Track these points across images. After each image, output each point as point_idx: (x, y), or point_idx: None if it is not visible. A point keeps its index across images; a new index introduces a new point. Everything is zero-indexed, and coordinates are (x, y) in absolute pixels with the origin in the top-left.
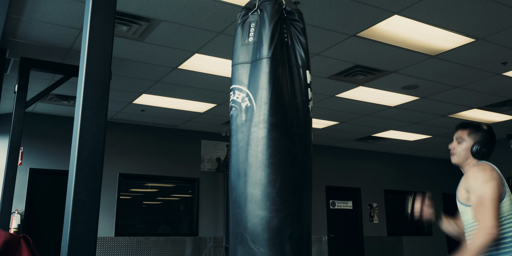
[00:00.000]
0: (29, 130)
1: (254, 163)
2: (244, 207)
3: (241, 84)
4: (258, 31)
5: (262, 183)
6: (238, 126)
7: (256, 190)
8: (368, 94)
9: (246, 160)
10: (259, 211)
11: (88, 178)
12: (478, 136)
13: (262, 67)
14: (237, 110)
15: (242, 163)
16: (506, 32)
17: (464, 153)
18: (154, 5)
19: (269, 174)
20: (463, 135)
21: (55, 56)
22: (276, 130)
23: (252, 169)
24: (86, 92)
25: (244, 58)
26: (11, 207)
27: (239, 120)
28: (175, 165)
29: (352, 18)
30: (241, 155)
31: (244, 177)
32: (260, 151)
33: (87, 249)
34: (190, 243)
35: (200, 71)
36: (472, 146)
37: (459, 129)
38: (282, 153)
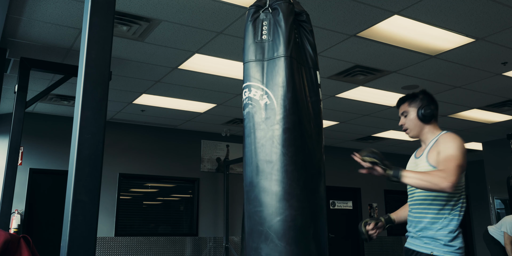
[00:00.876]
0: (29, 130)
1: (276, 161)
2: (267, 205)
3: (257, 82)
4: (273, 29)
5: (286, 180)
6: (256, 123)
7: (280, 188)
8: (368, 94)
9: (267, 158)
10: (284, 209)
11: (88, 178)
12: (418, 102)
13: (280, 65)
14: (254, 108)
15: (262, 161)
16: (506, 32)
17: (415, 123)
18: (154, 5)
19: (293, 172)
20: (405, 108)
21: (55, 56)
22: (297, 128)
23: (275, 167)
24: (86, 92)
25: (259, 56)
26: (11, 207)
27: (258, 118)
28: (175, 165)
29: (352, 18)
30: (261, 153)
31: (265, 175)
32: (282, 149)
33: (87, 249)
34: (190, 243)
35: (200, 71)
36: (417, 112)
37: (400, 105)
38: (303, 151)
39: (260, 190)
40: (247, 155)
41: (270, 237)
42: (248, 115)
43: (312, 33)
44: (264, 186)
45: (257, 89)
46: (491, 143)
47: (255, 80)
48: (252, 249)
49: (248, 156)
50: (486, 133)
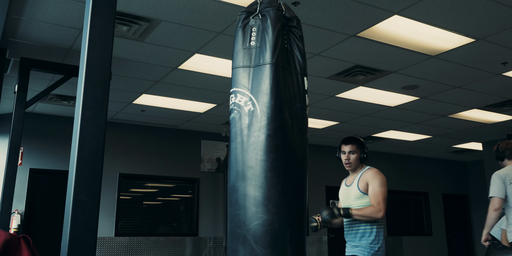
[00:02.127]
0: (29, 130)
1: (257, 166)
2: (246, 209)
3: (243, 88)
4: (261, 36)
5: (265, 186)
6: (240, 129)
7: (259, 193)
8: (368, 94)
9: (248, 163)
10: (261, 213)
11: (88, 178)
12: (362, 147)
13: (265, 73)
14: (239, 114)
15: (243, 166)
16: (506, 32)
17: (357, 161)
18: (154, 5)
19: (272, 178)
20: (354, 148)
21: (55, 56)
22: (279, 135)
23: (255, 173)
24: (86, 92)
25: (246, 62)
26: (11, 207)
27: (241, 124)
28: (175, 165)
29: (352, 18)
30: (242, 158)
31: (246, 180)
32: (263, 155)
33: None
34: (190, 243)
35: (200, 71)
36: (360, 154)
37: (351, 143)
38: (284, 157)
39: (240, 194)
40: (231, 160)
41: (248, 240)
42: (233, 120)
43: (302, 39)
44: (245, 191)
45: (243, 95)
46: (491, 143)
47: (241, 86)
48: (231, 250)
49: (232, 161)
50: (486, 133)
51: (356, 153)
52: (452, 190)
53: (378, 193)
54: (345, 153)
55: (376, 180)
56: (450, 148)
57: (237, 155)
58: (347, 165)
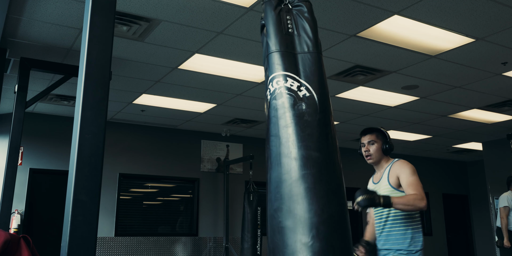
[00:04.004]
0: (29, 130)
1: (324, 152)
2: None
3: (294, 73)
4: (301, 25)
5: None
6: (297, 115)
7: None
8: (368, 94)
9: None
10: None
11: (88, 178)
12: (384, 137)
13: (315, 61)
14: (293, 98)
15: (310, 151)
16: (506, 32)
17: (379, 153)
18: (154, 5)
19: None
20: (373, 138)
21: (55, 56)
22: (329, 126)
23: (319, 160)
24: (86, 92)
25: (290, 48)
26: (11, 207)
27: (298, 108)
28: (175, 165)
29: (352, 18)
30: (308, 142)
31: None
32: (331, 138)
33: (87, 249)
34: (190, 243)
35: (200, 71)
36: (382, 145)
37: (368, 134)
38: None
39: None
40: (284, 146)
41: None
42: (287, 105)
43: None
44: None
45: (294, 80)
46: (491, 143)
47: (292, 71)
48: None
49: (286, 147)
50: (486, 133)
51: (377, 143)
52: (452, 190)
53: (414, 182)
54: (364, 145)
55: (405, 170)
56: (450, 148)
57: (297, 140)
58: (367, 158)
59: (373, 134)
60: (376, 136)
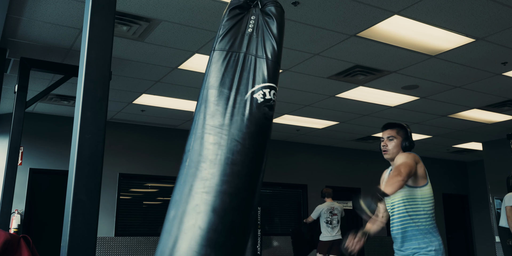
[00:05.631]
0: (29, 130)
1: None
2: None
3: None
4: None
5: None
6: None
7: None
8: (368, 94)
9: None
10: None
11: (88, 178)
12: (405, 133)
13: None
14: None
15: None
16: (506, 32)
17: (397, 149)
18: (154, 5)
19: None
20: (393, 133)
21: (55, 56)
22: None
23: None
24: (86, 92)
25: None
26: (11, 207)
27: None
28: (175, 165)
29: (352, 18)
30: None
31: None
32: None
33: (87, 249)
34: None
35: (200, 71)
36: (402, 142)
37: (388, 129)
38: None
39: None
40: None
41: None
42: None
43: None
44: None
45: (276, 91)
46: (491, 143)
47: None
48: None
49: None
50: (486, 133)
51: (396, 139)
52: (452, 190)
53: (399, 165)
54: (383, 139)
55: (400, 159)
56: (450, 148)
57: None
58: (384, 153)
59: (393, 130)
60: (396, 132)
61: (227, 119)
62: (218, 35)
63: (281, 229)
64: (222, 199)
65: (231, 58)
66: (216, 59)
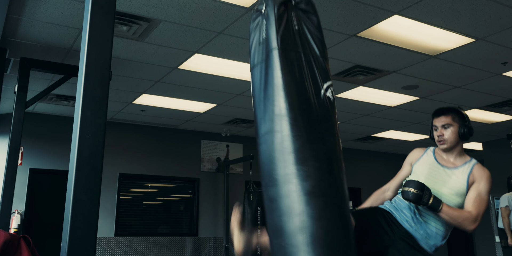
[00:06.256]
0: (29, 130)
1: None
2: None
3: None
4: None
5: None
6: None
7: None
8: (368, 94)
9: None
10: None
11: (88, 178)
12: (462, 119)
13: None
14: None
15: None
16: (506, 32)
17: (455, 138)
18: (154, 5)
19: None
20: (449, 121)
21: (55, 56)
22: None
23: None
24: (86, 92)
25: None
26: (11, 207)
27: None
28: (175, 165)
29: (352, 18)
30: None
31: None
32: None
33: (87, 249)
34: (190, 243)
35: (200, 71)
36: (459, 128)
37: (442, 115)
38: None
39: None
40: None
41: None
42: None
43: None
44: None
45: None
46: (491, 143)
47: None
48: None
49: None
50: (486, 133)
51: (453, 126)
52: None
53: (482, 201)
54: (437, 128)
55: (485, 183)
56: None
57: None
58: (440, 143)
59: (448, 116)
60: (452, 118)
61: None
62: (274, 33)
63: None
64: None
65: (294, 57)
66: (280, 58)
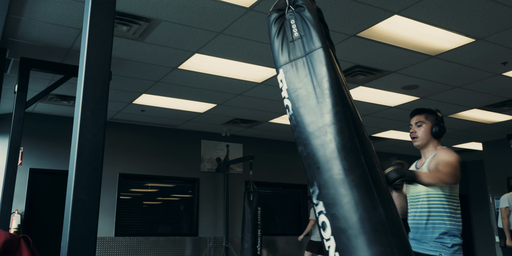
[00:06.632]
0: (29, 130)
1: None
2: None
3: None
4: (302, 25)
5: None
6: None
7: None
8: (368, 94)
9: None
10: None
11: (88, 178)
12: (434, 118)
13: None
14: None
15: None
16: (506, 32)
17: (426, 135)
18: (154, 5)
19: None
20: (421, 119)
21: (55, 56)
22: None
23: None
24: (86, 92)
25: (294, 55)
26: (11, 207)
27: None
28: (175, 165)
29: (352, 18)
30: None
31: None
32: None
33: (87, 249)
34: (190, 243)
35: (200, 71)
36: (431, 127)
37: (416, 115)
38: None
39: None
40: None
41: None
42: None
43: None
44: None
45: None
46: (491, 143)
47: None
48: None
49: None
50: (486, 133)
51: (425, 124)
52: None
53: (447, 164)
54: (411, 126)
55: (449, 157)
56: (450, 148)
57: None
58: (413, 140)
59: (421, 115)
60: (425, 117)
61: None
62: (276, 52)
63: (281, 229)
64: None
65: (296, 66)
66: (288, 73)
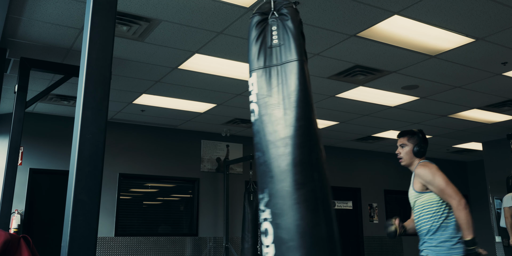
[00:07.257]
0: (29, 130)
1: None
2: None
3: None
4: (283, 34)
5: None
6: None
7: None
8: (368, 94)
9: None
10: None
11: (88, 178)
12: (415, 140)
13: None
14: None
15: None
16: (506, 32)
17: (409, 155)
18: (154, 5)
19: None
20: (404, 141)
21: (55, 56)
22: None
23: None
24: (87, 92)
25: (269, 62)
26: (11, 207)
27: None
28: (175, 165)
29: (352, 18)
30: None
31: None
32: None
33: (87, 249)
34: (190, 243)
35: (200, 71)
36: (413, 148)
37: (400, 137)
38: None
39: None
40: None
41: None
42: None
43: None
44: None
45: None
46: (491, 143)
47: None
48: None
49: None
50: (486, 133)
51: (407, 146)
52: None
53: (441, 189)
54: (397, 147)
55: (427, 177)
56: (450, 148)
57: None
58: (399, 160)
59: (404, 137)
60: (407, 139)
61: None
62: (252, 55)
63: None
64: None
65: (270, 74)
66: (260, 78)
